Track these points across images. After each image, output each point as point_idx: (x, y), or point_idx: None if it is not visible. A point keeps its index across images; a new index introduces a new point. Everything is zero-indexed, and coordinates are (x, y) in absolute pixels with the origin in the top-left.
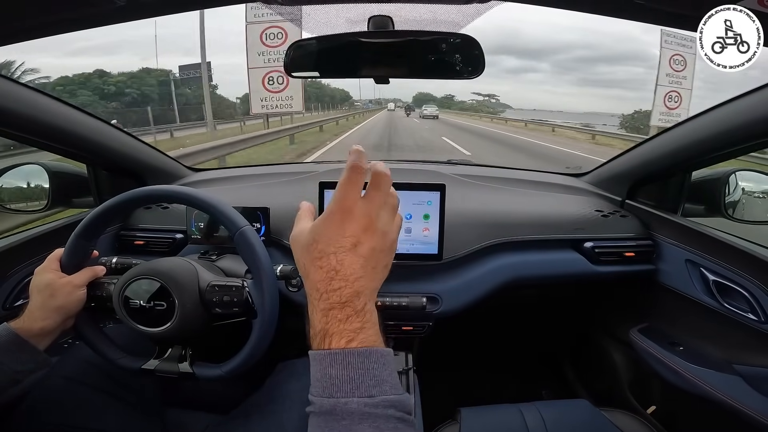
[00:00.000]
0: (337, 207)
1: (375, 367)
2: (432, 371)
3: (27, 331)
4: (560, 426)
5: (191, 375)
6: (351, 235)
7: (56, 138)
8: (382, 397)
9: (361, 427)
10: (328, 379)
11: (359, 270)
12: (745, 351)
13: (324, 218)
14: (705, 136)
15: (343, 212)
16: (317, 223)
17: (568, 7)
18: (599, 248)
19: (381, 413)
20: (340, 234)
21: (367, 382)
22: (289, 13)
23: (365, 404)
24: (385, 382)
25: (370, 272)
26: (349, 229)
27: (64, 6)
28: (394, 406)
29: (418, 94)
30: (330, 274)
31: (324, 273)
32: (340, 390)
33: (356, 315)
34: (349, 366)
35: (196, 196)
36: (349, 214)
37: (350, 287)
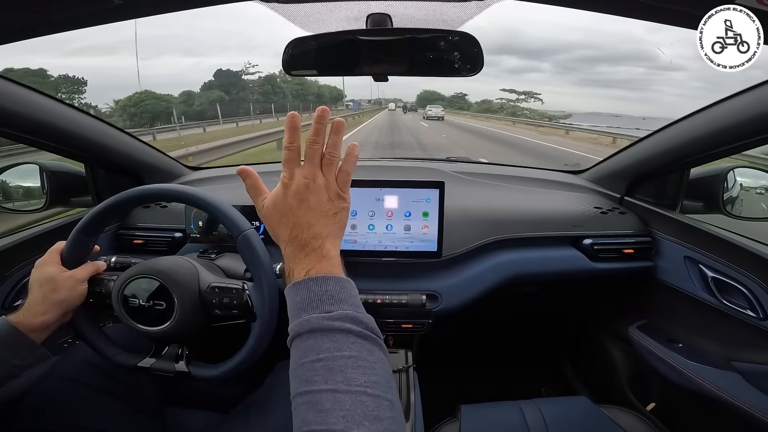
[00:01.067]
0: (284, 181)
1: (332, 289)
2: (432, 369)
3: (27, 325)
4: (560, 423)
5: (187, 374)
6: (297, 194)
7: (54, 137)
8: (338, 312)
9: (323, 342)
10: (295, 305)
11: (312, 218)
12: (744, 348)
13: (278, 191)
14: (703, 133)
15: (287, 184)
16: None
17: (567, 4)
18: (598, 245)
19: (338, 327)
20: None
21: (326, 302)
22: (287, 11)
23: (323, 318)
24: (344, 301)
25: (321, 219)
26: (294, 193)
27: (62, 5)
28: (352, 320)
29: (423, 93)
30: (289, 226)
31: (285, 227)
32: (304, 310)
33: (314, 252)
34: (308, 290)
35: (198, 196)
36: (290, 185)
37: (307, 232)
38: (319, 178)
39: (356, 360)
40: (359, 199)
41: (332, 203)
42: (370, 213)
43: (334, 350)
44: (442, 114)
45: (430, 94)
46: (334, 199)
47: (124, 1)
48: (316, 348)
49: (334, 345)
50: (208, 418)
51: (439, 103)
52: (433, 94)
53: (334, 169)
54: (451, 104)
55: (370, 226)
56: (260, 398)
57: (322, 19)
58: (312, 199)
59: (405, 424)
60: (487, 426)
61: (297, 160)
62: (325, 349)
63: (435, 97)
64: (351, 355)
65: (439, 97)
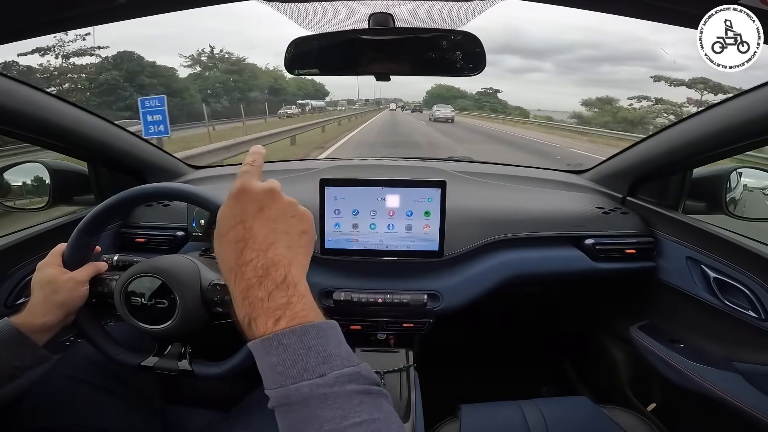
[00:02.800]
0: (237, 188)
1: (316, 343)
2: (433, 368)
3: (28, 326)
4: (560, 423)
5: (190, 373)
6: (254, 200)
7: (57, 136)
8: (334, 374)
9: (323, 412)
10: (271, 368)
11: (270, 235)
12: (746, 348)
13: (227, 200)
14: (706, 134)
15: (243, 190)
16: (221, 208)
17: (568, 4)
18: (600, 245)
19: (339, 391)
20: (244, 204)
21: (312, 361)
22: (289, 10)
23: (317, 385)
24: (334, 356)
25: (283, 238)
26: (250, 197)
27: (65, 4)
28: (353, 380)
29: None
30: (239, 245)
31: (233, 246)
32: (287, 376)
33: (278, 289)
34: (286, 348)
35: (200, 195)
36: (248, 190)
37: (263, 256)
38: (281, 197)
39: (368, 424)
40: (361, 198)
41: (298, 219)
42: (372, 212)
43: (340, 419)
44: (452, 115)
45: (446, 90)
46: (299, 215)
47: (127, 1)
48: (314, 419)
49: (338, 413)
50: (209, 416)
51: (459, 103)
52: (451, 90)
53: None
54: (479, 105)
55: (371, 226)
56: (261, 397)
57: (324, 19)
58: (274, 207)
59: None
60: (488, 426)
61: (257, 174)
62: (328, 419)
63: (452, 94)
64: (361, 420)
65: (459, 94)
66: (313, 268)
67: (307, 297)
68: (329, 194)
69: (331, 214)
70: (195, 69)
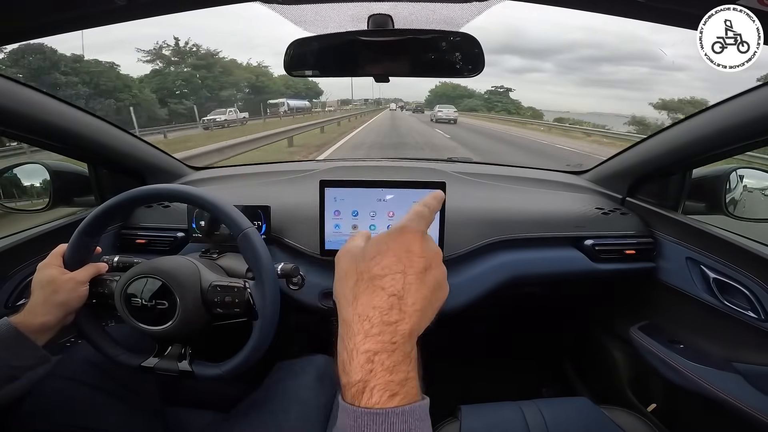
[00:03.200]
0: (407, 226)
1: (416, 426)
2: (432, 369)
3: (27, 326)
4: (560, 424)
5: (190, 374)
6: (424, 256)
7: (57, 137)
8: None
9: None
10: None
11: (420, 301)
12: (746, 349)
13: (392, 233)
14: (706, 134)
15: (413, 234)
16: (382, 236)
17: (567, 5)
18: (600, 246)
19: None
20: (413, 252)
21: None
22: (288, 12)
23: None
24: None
25: (427, 308)
26: (421, 250)
27: (65, 6)
28: None
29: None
30: (391, 300)
31: (385, 297)
32: None
33: (404, 362)
34: (390, 427)
35: (200, 196)
36: (421, 238)
37: (407, 323)
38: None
39: None
40: (361, 199)
41: (443, 294)
42: (372, 213)
43: None
44: (455, 116)
45: (452, 89)
46: (445, 289)
47: (127, 2)
48: None
49: None
50: (210, 417)
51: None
52: (457, 89)
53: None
54: (489, 105)
55: (371, 226)
56: (260, 398)
57: (324, 20)
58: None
59: None
60: (488, 426)
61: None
62: None
63: (459, 93)
64: None
65: (466, 93)
66: (313, 269)
67: (417, 370)
68: (329, 195)
69: (330, 215)
70: (157, 65)
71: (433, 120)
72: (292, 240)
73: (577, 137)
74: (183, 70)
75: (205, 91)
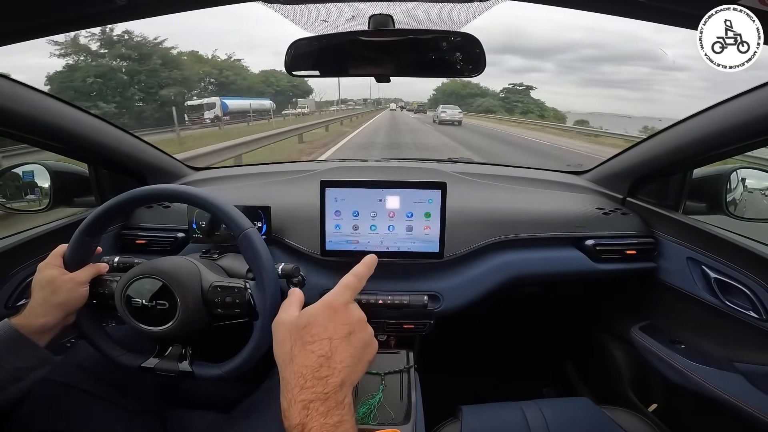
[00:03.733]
0: (332, 300)
1: None
2: (433, 369)
3: (28, 327)
4: (561, 424)
5: (191, 374)
6: (347, 323)
7: (57, 137)
8: None
9: None
10: None
11: (348, 359)
12: (747, 349)
13: (319, 306)
14: (706, 134)
15: (337, 306)
16: (311, 309)
17: (567, 5)
18: (600, 246)
19: None
20: (337, 321)
21: None
22: (289, 12)
23: None
24: None
25: (356, 364)
26: (345, 318)
27: (65, 6)
28: None
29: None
30: (320, 360)
31: (315, 357)
32: None
33: (337, 407)
34: None
35: (200, 196)
36: (344, 308)
37: (337, 376)
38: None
39: None
40: (361, 199)
41: (371, 349)
42: (372, 214)
43: None
44: (460, 117)
45: (462, 86)
46: (372, 345)
47: (127, 3)
48: None
49: None
50: (210, 418)
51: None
52: (467, 86)
53: None
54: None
55: (372, 227)
56: (261, 399)
57: (324, 20)
58: (360, 337)
59: None
60: (489, 426)
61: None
62: None
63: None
64: None
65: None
66: (314, 270)
67: (354, 417)
68: (329, 196)
69: (331, 216)
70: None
71: (435, 121)
72: (293, 240)
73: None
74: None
75: (136, 90)
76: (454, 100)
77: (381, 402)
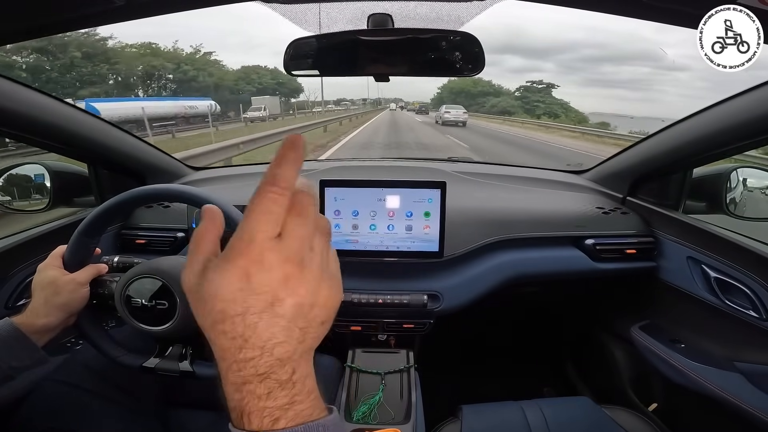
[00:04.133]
0: (242, 249)
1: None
2: (433, 369)
3: (29, 326)
4: (561, 423)
5: (191, 374)
6: (264, 291)
7: (57, 137)
8: None
9: None
10: None
11: (280, 334)
12: (747, 348)
13: (222, 264)
14: (706, 133)
15: (250, 258)
16: (212, 271)
17: (567, 4)
18: (600, 245)
19: None
20: (248, 289)
21: None
22: (288, 11)
23: None
24: None
25: (297, 334)
26: (260, 281)
27: (64, 6)
28: None
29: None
30: (238, 342)
31: (229, 340)
32: None
33: (281, 388)
34: None
35: (200, 196)
36: (259, 261)
37: (268, 356)
38: (317, 246)
39: None
40: (361, 199)
41: (320, 309)
42: (372, 213)
43: None
44: (465, 118)
45: (473, 83)
46: (323, 302)
47: (126, 3)
48: None
49: None
50: (211, 418)
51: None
52: (478, 83)
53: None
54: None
55: (371, 226)
56: None
57: (323, 19)
58: (290, 300)
59: None
60: (489, 426)
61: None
62: None
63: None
64: None
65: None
66: None
67: (314, 392)
68: (329, 195)
69: (331, 215)
70: None
71: (438, 122)
72: None
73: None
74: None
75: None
76: (464, 99)
77: (381, 402)
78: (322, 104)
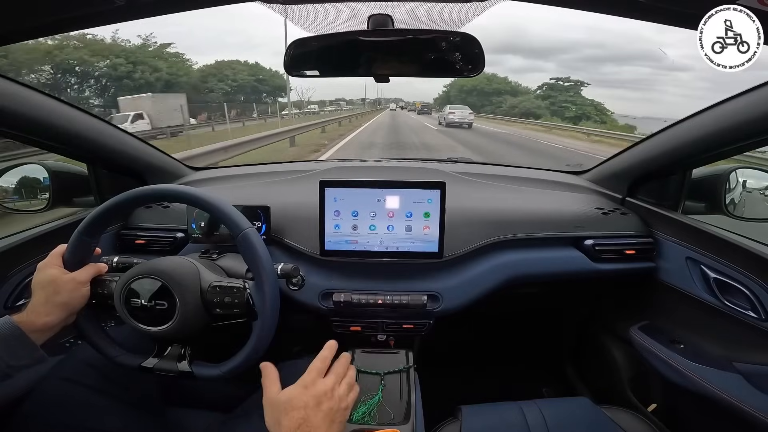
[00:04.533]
0: (304, 380)
1: None
2: (433, 369)
3: (30, 325)
4: (561, 424)
5: (190, 374)
6: (316, 396)
7: (57, 138)
8: None
9: None
10: None
11: (321, 420)
12: (746, 349)
13: (296, 386)
14: (705, 134)
15: (308, 383)
16: (290, 389)
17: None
18: (600, 246)
19: None
20: (308, 395)
21: None
22: (288, 12)
23: None
24: None
25: (332, 422)
26: (314, 392)
27: (64, 6)
28: None
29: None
30: (299, 421)
31: (295, 421)
32: None
33: None
34: None
35: (199, 197)
36: (313, 385)
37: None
38: (337, 390)
39: None
40: (360, 199)
41: (345, 413)
42: (372, 213)
43: None
44: (471, 119)
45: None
46: (345, 405)
47: (126, 3)
48: None
49: None
50: (210, 417)
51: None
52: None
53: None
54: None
55: (371, 227)
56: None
57: (324, 20)
58: (327, 404)
59: None
60: (488, 427)
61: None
62: None
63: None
64: None
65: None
66: (313, 270)
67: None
68: (329, 195)
69: (330, 216)
70: None
71: (442, 124)
72: (292, 240)
73: None
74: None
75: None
76: (476, 98)
77: (381, 402)
78: (289, 106)
